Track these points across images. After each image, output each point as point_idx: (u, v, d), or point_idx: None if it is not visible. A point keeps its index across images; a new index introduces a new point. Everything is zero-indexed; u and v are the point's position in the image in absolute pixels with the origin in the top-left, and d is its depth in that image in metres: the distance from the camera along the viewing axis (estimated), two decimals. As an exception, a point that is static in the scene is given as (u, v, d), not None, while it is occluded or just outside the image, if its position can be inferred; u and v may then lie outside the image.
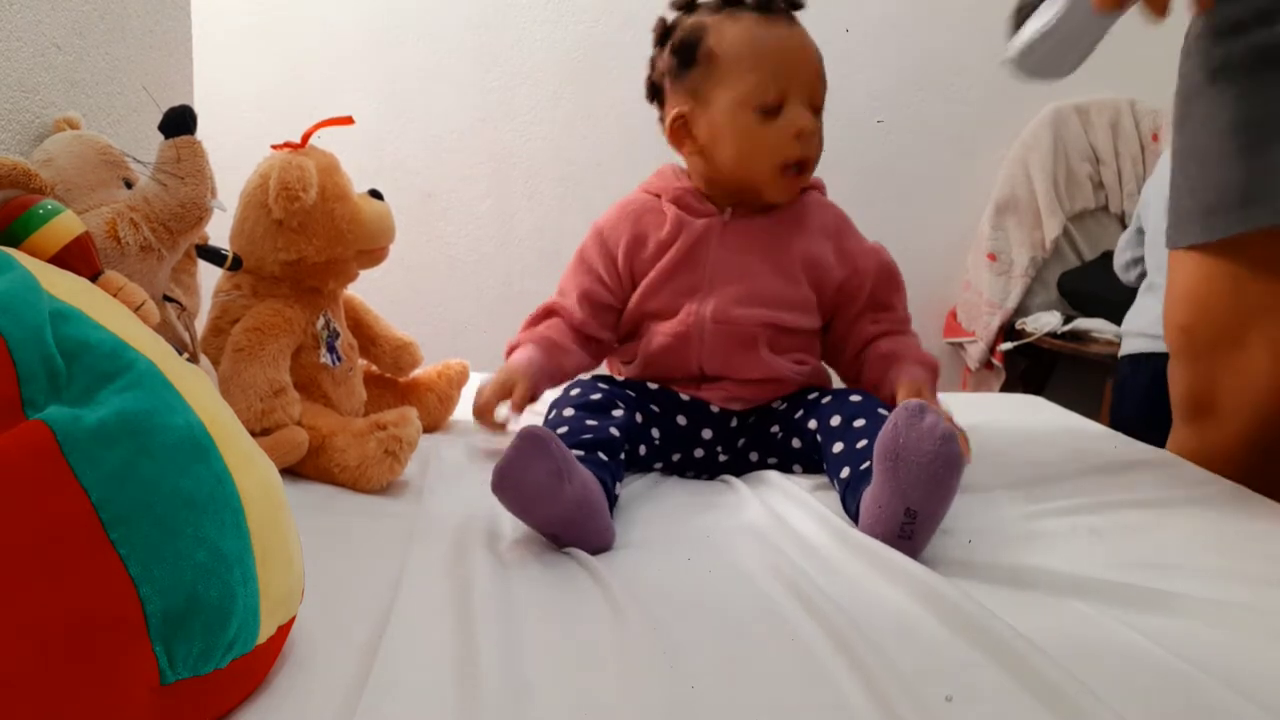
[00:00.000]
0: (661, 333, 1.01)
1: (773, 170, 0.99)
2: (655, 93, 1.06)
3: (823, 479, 0.94)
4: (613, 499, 0.83)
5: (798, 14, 1.02)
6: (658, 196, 1.05)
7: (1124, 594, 0.65)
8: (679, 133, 1.03)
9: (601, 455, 0.86)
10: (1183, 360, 1.02)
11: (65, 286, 0.51)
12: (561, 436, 0.88)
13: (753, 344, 1.00)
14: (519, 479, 0.72)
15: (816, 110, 1.00)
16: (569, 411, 0.93)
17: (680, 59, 1.00)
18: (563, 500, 0.73)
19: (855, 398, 0.94)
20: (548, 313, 1.08)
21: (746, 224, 1.02)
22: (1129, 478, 0.94)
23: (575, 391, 0.98)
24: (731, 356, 1.00)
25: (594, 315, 1.06)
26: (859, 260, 1.04)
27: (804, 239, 1.02)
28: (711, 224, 1.02)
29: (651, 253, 1.03)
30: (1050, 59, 0.92)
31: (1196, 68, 0.94)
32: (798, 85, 0.97)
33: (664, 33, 1.04)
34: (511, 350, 1.06)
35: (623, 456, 0.89)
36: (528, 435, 0.74)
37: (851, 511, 0.80)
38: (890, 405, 0.92)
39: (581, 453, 0.85)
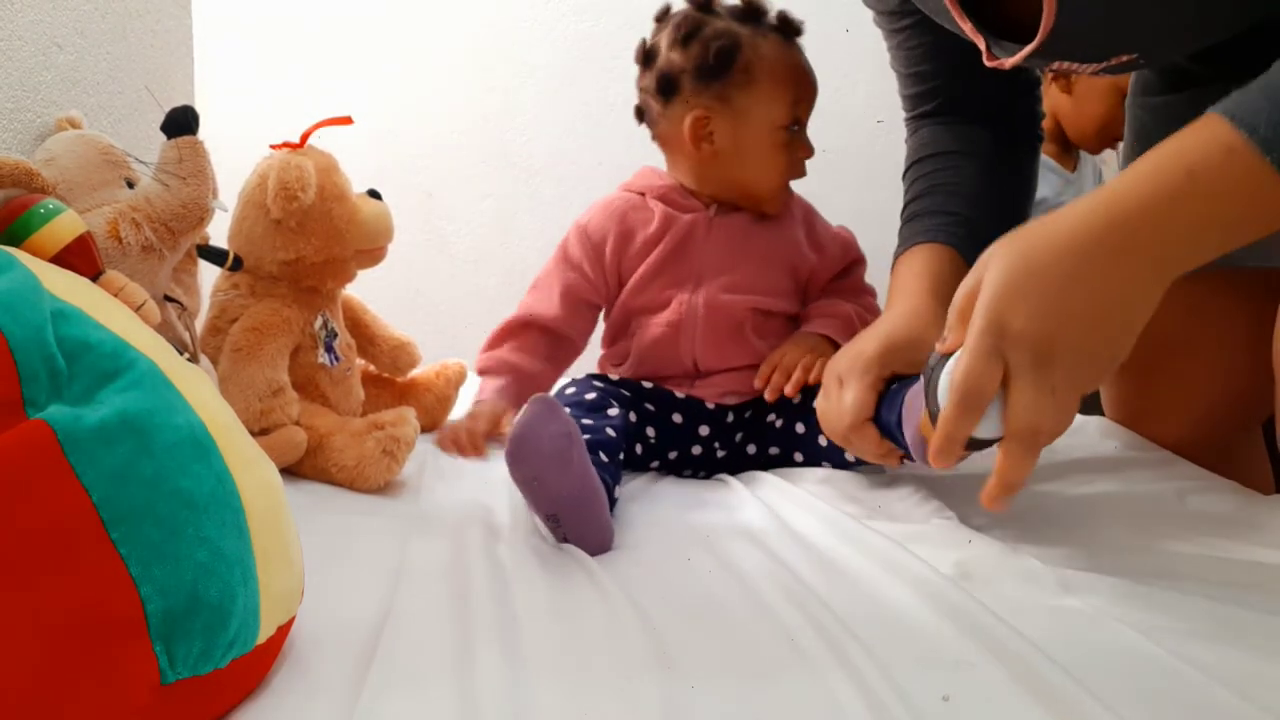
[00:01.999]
0: (655, 323, 1.03)
1: (782, 185, 1.05)
2: (669, 85, 1.03)
3: (822, 472, 0.94)
4: (612, 500, 0.83)
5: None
6: (641, 194, 1.07)
7: (1124, 594, 0.66)
8: (698, 133, 1.03)
9: (601, 456, 0.86)
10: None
11: (66, 286, 0.51)
12: None
13: (740, 330, 1.03)
14: (536, 442, 0.73)
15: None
16: (565, 410, 0.93)
17: (717, 64, 1.00)
18: (572, 467, 0.73)
19: None
20: (522, 325, 1.09)
21: (730, 218, 1.05)
22: (1128, 475, 0.94)
23: (570, 390, 0.98)
24: (722, 345, 1.02)
25: (573, 313, 1.08)
26: (828, 246, 1.10)
27: (782, 229, 1.07)
28: (698, 219, 1.04)
29: (639, 249, 1.04)
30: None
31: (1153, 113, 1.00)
32: (806, 110, 1.05)
33: (691, 30, 1.02)
34: (485, 370, 1.09)
35: (621, 456, 0.90)
36: (539, 400, 0.75)
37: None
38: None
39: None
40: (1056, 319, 0.60)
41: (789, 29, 1.04)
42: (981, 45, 0.79)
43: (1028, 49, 0.75)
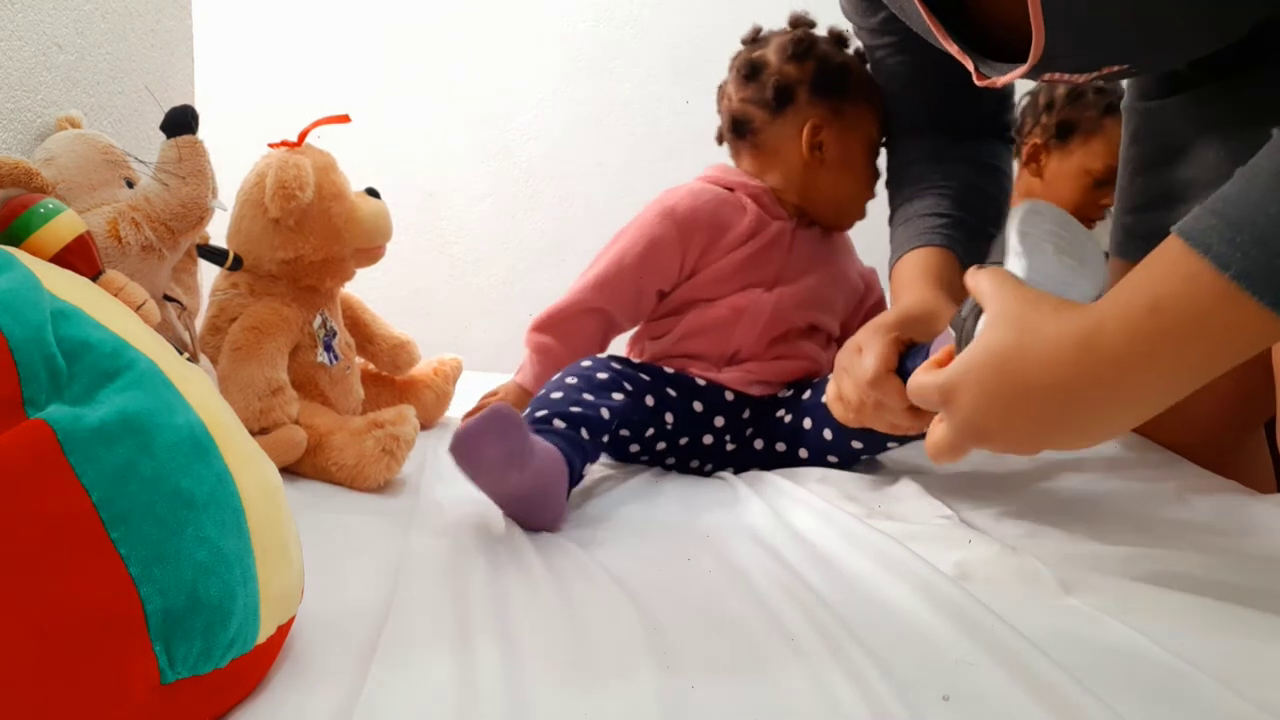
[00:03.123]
0: (720, 306, 1.05)
1: (866, 200, 1.10)
2: (785, 95, 1.07)
3: (822, 471, 0.95)
4: (577, 478, 0.86)
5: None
6: (731, 190, 1.08)
7: (1124, 594, 0.66)
8: (814, 139, 1.07)
9: (582, 432, 0.88)
10: None
11: (66, 286, 0.51)
12: (552, 402, 0.91)
13: (789, 335, 1.06)
14: (475, 451, 0.75)
15: None
16: (570, 380, 0.95)
17: (837, 79, 1.06)
18: (508, 485, 0.76)
19: None
20: (587, 312, 1.07)
21: (808, 233, 1.10)
22: (1128, 475, 0.94)
23: (586, 364, 0.99)
24: (769, 343, 1.05)
25: (641, 300, 1.08)
26: (868, 276, 1.17)
27: (841, 254, 1.13)
28: (784, 227, 1.07)
29: (728, 243, 1.06)
30: None
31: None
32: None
33: (807, 47, 1.07)
34: (534, 349, 1.08)
35: (605, 438, 0.91)
36: (494, 412, 0.76)
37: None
38: None
39: (563, 425, 0.87)
40: (1029, 432, 0.64)
41: (862, 57, 1.09)
42: (970, 66, 0.79)
43: (1019, 71, 0.75)
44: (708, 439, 1.02)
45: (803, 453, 1.01)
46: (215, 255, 0.94)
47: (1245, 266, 0.53)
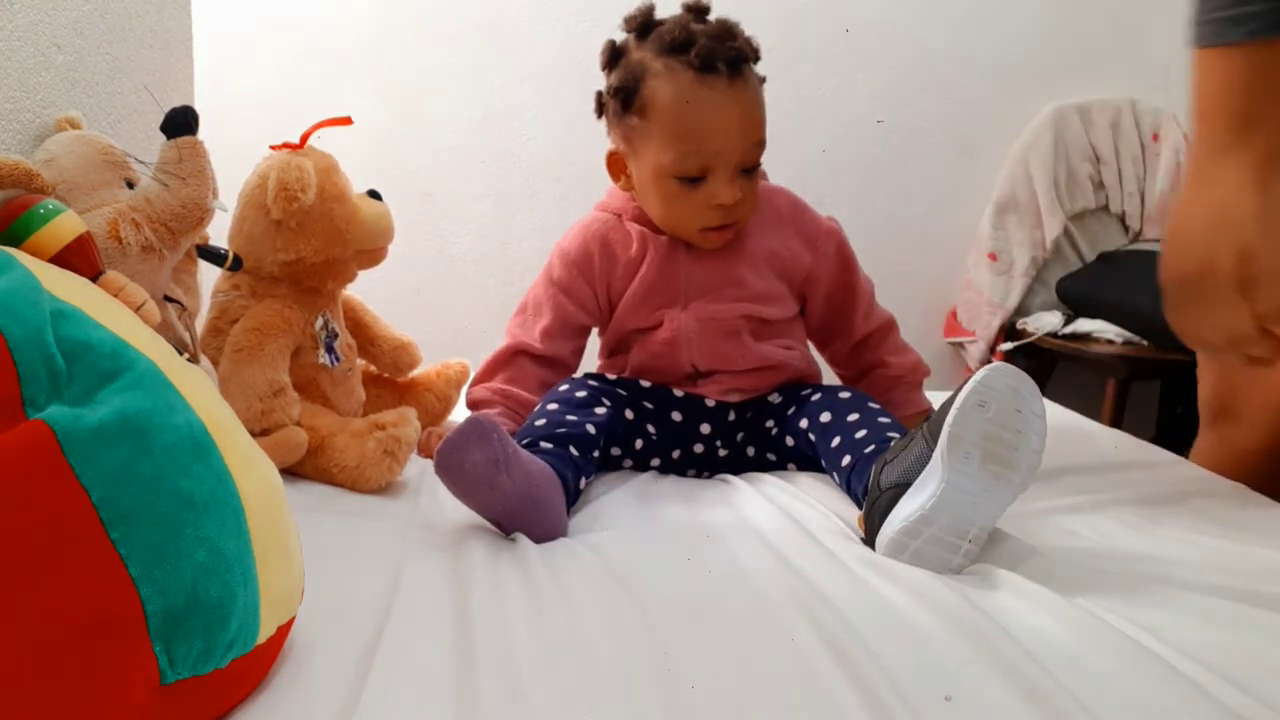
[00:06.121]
0: (652, 341, 1.02)
1: (694, 230, 0.99)
2: (599, 109, 1.03)
3: (820, 476, 0.94)
4: (575, 494, 0.85)
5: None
6: (618, 216, 1.04)
7: (1124, 592, 0.66)
8: (614, 168, 1.03)
9: (572, 450, 0.87)
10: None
11: (66, 286, 0.51)
12: (537, 428, 0.90)
13: (736, 334, 1.01)
14: (459, 462, 0.75)
15: (750, 168, 0.97)
16: (552, 405, 0.95)
17: (619, 100, 0.98)
18: (500, 490, 0.75)
19: (844, 394, 0.96)
20: (513, 354, 1.05)
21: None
22: (1129, 477, 0.94)
23: (564, 388, 0.98)
24: (719, 349, 1.01)
25: (563, 338, 1.06)
26: (820, 243, 1.04)
27: (764, 234, 1.03)
28: (672, 241, 1.01)
29: (624, 270, 1.02)
30: (933, 553, 0.70)
31: None
32: (723, 157, 0.94)
33: (612, 57, 1.01)
34: (478, 402, 1.03)
35: (595, 454, 0.91)
36: (470, 422, 0.76)
37: (858, 493, 0.83)
38: (878, 401, 0.96)
39: (551, 445, 0.87)
40: None
41: (709, 66, 0.92)
42: None
43: None
44: (699, 448, 1.01)
45: (791, 466, 0.99)
46: (215, 256, 0.94)
47: None
